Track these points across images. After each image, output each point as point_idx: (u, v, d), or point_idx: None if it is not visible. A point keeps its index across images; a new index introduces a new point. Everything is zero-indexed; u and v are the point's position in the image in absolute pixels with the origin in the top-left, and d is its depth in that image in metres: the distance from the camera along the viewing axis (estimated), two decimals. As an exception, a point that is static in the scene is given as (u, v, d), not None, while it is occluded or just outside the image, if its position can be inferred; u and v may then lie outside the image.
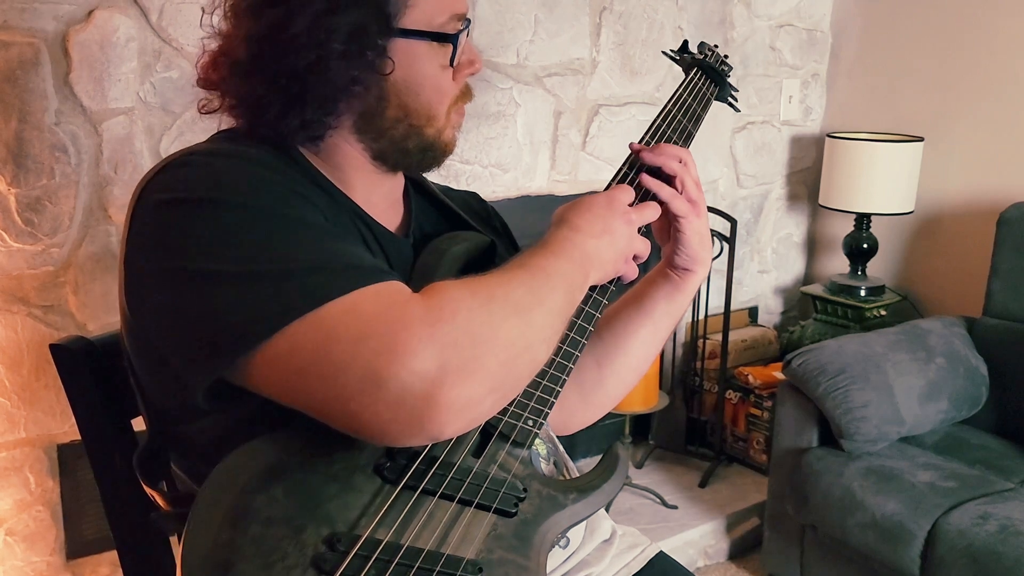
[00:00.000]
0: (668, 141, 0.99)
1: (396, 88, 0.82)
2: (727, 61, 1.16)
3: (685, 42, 1.15)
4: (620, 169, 0.94)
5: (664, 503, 2.30)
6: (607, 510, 2.12)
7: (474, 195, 1.08)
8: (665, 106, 1.02)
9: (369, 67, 0.80)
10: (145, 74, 1.60)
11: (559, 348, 0.84)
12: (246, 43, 0.80)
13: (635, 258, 0.89)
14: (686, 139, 1.01)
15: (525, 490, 0.77)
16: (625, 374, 1.06)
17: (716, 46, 1.17)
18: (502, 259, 0.99)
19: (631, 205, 0.89)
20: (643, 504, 2.31)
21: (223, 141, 0.84)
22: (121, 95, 1.58)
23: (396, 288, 0.71)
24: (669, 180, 0.93)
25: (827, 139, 2.55)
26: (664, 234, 0.98)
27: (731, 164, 2.67)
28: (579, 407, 1.04)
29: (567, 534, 0.91)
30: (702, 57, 1.12)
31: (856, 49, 2.75)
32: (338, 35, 0.78)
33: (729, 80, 1.14)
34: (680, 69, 1.13)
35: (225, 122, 0.88)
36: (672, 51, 1.16)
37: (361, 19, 0.78)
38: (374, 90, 0.82)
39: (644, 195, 0.92)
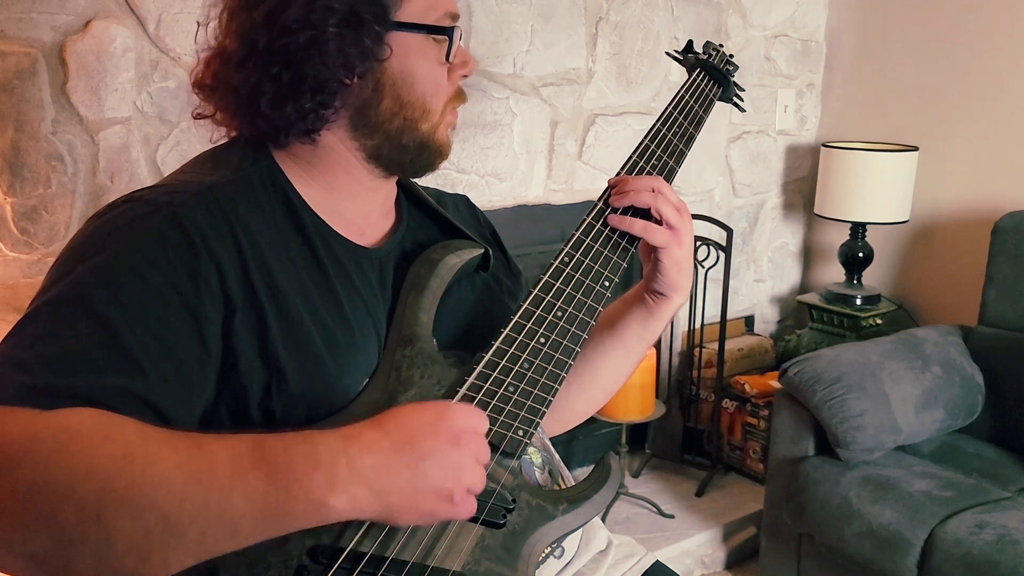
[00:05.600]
0: (668, 144, 0.98)
1: (392, 79, 0.83)
2: (732, 60, 1.15)
3: (690, 42, 1.14)
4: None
5: (661, 512, 2.30)
6: (603, 520, 2.12)
7: (464, 199, 1.08)
8: (666, 108, 1.01)
9: (366, 54, 0.80)
10: (142, 84, 1.61)
11: (551, 356, 0.84)
12: (240, 35, 0.80)
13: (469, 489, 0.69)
14: (687, 142, 1.00)
15: (514, 501, 0.77)
16: (593, 392, 1.05)
17: (721, 45, 1.15)
18: (495, 268, 0.99)
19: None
20: (640, 513, 2.30)
21: (202, 165, 0.85)
22: (118, 105, 1.58)
23: (30, 419, 0.62)
24: (647, 214, 0.91)
25: (822, 148, 2.56)
26: (646, 254, 0.96)
27: (727, 173, 2.67)
28: (547, 422, 1.01)
29: (562, 544, 0.91)
30: (706, 57, 1.11)
31: (851, 59, 2.76)
32: (333, 17, 0.78)
33: (734, 80, 1.13)
34: (680, 77, 1.12)
35: (218, 131, 0.89)
36: (676, 51, 1.15)
37: (356, 5, 0.79)
38: (369, 81, 0.82)
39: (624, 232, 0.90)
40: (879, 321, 2.52)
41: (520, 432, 0.80)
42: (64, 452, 0.60)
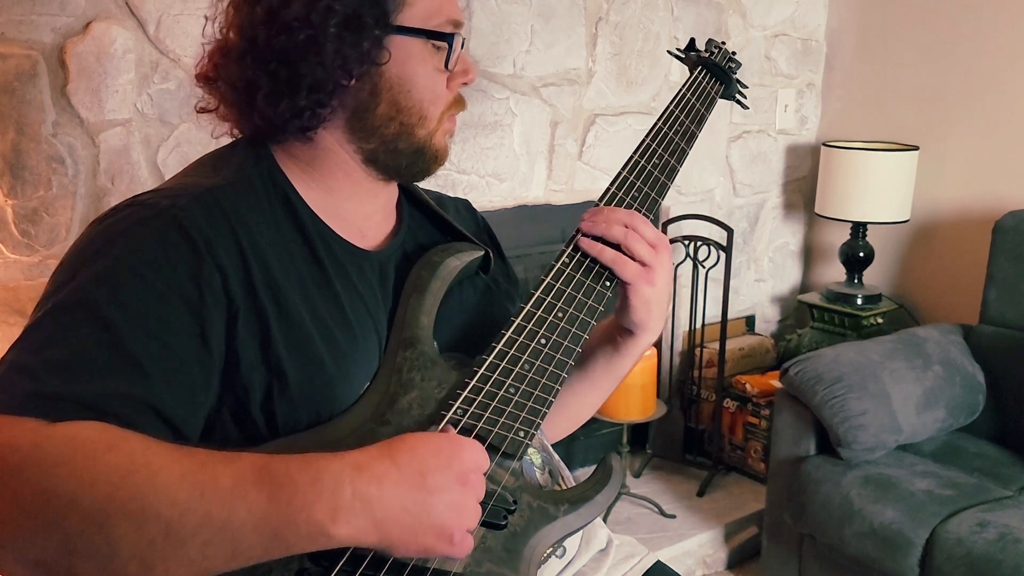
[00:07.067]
0: (671, 143, 0.98)
1: (389, 84, 0.83)
2: (735, 58, 1.14)
3: (692, 40, 1.14)
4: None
5: (662, 512, 2.30)
6: (604, 520, 2.11)
7: (466, 203, 1.08)
8: (668, 106, 1.01)
9: (364, 57, 0.80)
10: (143, 85, 1.61)
11: (551, 357, 0.84)
12: (241, 29, 0.81)
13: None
14: (689, 140, 1.00)
15: (515, 502, 0.76)
16: (561, 421, 1.04)
17: (723, 43, 1.15)
18: (495, 272, 0.99)
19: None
20: (641, 513, 2.30)
21: (203, 167, 0.85)
22: (118, 106, 1.58)
23: (36, 429, 0.62)
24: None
25: (823, 148, 2.56)
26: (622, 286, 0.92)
27: (727, 173, 2.67)
28: None
29: (563, 544, 0.91)
30: (708, 55, 1.11)
31: (851, 59, 2.76)
32: (334, 18, 0.79)
33: (737, 77, 1.13)
34: (680, 77, 1.12)
35: (219, 129, 0.89)
36: (678, 50, 1.15)
37: (358, 7, 0.79)
38: (367, 84, 0.82)
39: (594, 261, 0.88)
40: (880, 320, 2.52)
41: (521, 433, 0.79)
42: (68, 462, 0.60)
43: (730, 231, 2.41)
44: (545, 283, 0.87)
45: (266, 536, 0.61)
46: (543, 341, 0.84)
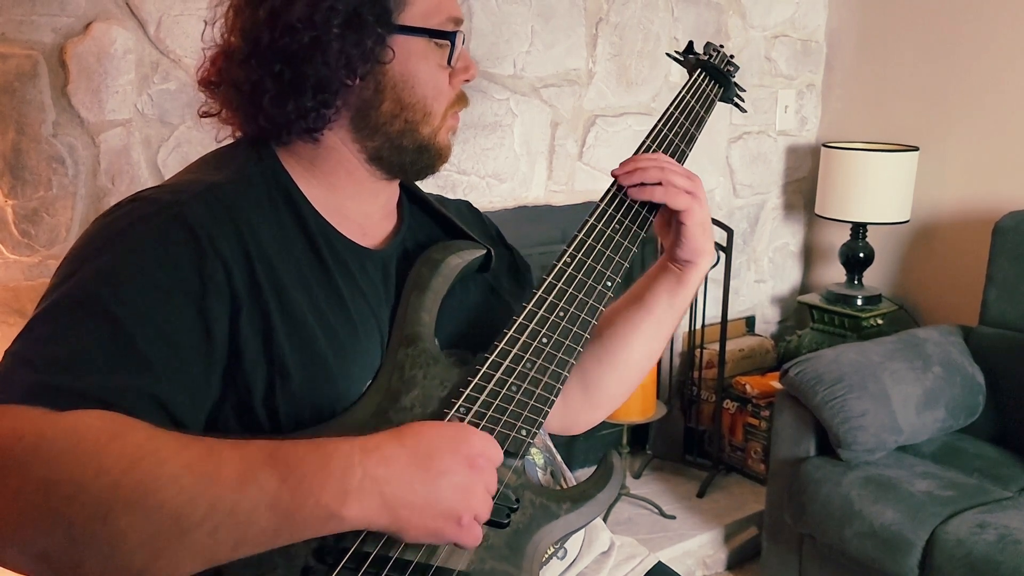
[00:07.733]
0: (670, 144, 0.99)
1: (393, 82, 0.83)
2: (733, 61, 1.16)
3: (690, 43, 1.15)
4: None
5: (662, 513, 2.30)
6: (604, 520, 2.11)
7: (466, 203, 1.08)
8: (667, 109, 1.02)
9: (368, 56, 0.81)
10: (143, 86, 1.61)
11: (553, 356, 0.84)
12: (244, 32, 0.81)
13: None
14: (688, 142, 1.01)
15: (517, 500, 0.77)
16: (626, 372, 1.04)
17: (722, 46, 1.16)
18: (497, 270, 0.99)
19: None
20: (641, 514, 2.30)
21: (206, 165, 0.85)
22: (119, 107, 1.58)
23: (40, 418, 0.62)
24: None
25: (823, 149, 2.56)
26: (664, 228, 0.97)
27: (727, 174, 2.67)
28: (583, 406, 1.02)
29: (564, 545, 0.91)
30: (706, 58, 1.12)
31: (851, 59, 2.76)
32: (337, 18, 0.79)
33: (735, 80, 1.13)
34: (680, 78, 1.13)
35: (222, 132, 0.89)
36: (676, 52, 1.16)
37: (360, 6, 0.80)
38: (371, 83, 0.83)
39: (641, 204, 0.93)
40: (880, 321, 2.52)
41: (523, 432, 0.79)
42: (73, 452, 0.60)
43: (730, 232, 2.41)
44: (547, 282, 0.87)
45: (275, 520, 0.61)
46: (545, 339, 0.84)
